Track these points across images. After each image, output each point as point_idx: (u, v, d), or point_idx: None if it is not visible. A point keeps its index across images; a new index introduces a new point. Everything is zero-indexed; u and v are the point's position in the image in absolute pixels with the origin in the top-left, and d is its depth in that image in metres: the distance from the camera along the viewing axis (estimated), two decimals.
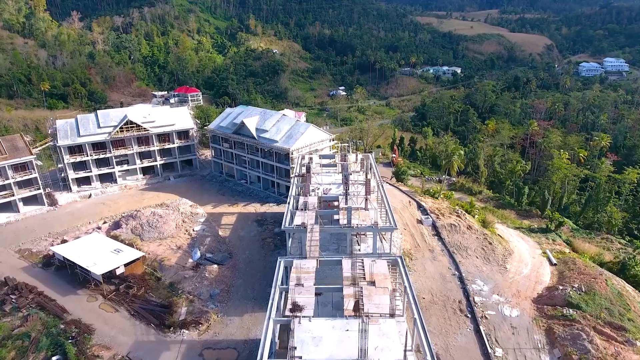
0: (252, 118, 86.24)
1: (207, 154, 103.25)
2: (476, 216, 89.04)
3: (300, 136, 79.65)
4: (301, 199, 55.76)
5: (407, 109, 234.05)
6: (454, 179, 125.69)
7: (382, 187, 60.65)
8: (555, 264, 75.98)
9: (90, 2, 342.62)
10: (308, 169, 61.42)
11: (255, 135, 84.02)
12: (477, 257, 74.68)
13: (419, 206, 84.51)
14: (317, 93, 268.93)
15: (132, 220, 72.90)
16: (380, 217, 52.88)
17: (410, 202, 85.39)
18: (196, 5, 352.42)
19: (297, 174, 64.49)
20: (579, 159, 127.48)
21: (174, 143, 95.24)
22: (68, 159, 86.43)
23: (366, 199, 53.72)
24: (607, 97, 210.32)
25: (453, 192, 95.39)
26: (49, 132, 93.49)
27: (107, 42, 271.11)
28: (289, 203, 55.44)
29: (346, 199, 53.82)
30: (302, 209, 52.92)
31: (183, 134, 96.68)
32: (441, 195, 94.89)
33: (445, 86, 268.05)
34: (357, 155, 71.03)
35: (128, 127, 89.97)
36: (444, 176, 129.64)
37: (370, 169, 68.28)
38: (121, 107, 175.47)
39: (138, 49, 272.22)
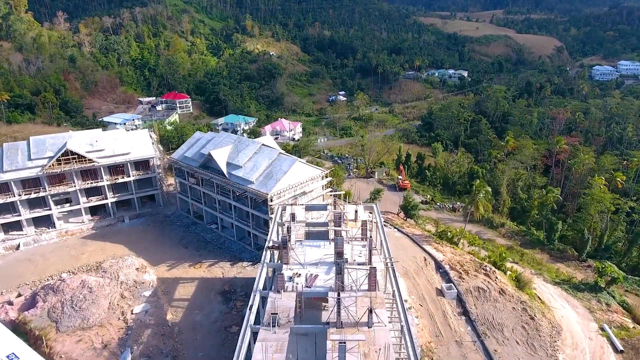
0: (222, 149, 65.77)
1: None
2: (508, 272, 68.62)
3: (283, 176, 59.20)
4: (271, 300, 35.50)
5: (412, 116, 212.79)
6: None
7: (394, 272, 40.22)
8: (622, 351, 55.66)
9: (81, 2, 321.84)
10: (285, 243, 40.91)
11: (225, 171, 63.61)
12: (517, 343, 54.51)
13: (438, 266, 63.91)
14: (315, 98, 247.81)
15: (53, 294, 52.64)
16: (393, 344, 32.42)
17: (425, 259, 64.76)
18: (191, 5, 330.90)
19: (269, 245, 44.08)
20: (616, 183, 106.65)
21: (129, 176, 74.88)
22: None
23: (370, 310, 33.08)
24: (631, 105, 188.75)
25: (476, 237, 74.73)
26: None
27: (94, 44, 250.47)
28: (250, 310, 35.06)
29: (338, 308, 33.25)
30: (268, 325, 32.66)
31: (142, 164, 76.31)
32: (462, 243, 74.49)
33: (453, 91, 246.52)
34: (356, 213, 50.38)
35: (68, 159, 69.64)
36: (458, 203, 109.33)
37: (377, 232, 47.93)
38: (94, 119, 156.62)
39: (127, 52, 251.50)
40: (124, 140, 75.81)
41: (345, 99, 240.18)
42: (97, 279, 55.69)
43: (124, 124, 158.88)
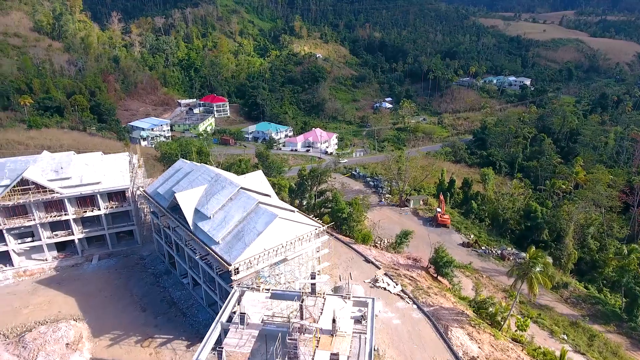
0: (191, 191, 50.40)
1: None
2: None
3: (256, 238, 42.71)
4: None
5: (463, 129, 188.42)
6: (525, 256, 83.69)
7: None
8: None
9: (138, 3, 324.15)
10: None
11: (190, 222, 48.22)
12: None
13: None
14: (359, 104, 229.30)
15: None
16: None
17: None
18: (242, 5, 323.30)
19: None
20: None
21: (99, 209, 61.81)
22: None
23: None
24: None
25: (527, 320, 54.01)
26: None
27: (144, 44, 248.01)
28: None
29: None
30: None
31: (116, 195, 63.03)
32: (508, 323, 54.19)
33: (512, 102, 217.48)
34: (334, 322, 32.48)
35: (26, 189, 57.62)
36: (508, 249, 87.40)
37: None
38: (117, 123, 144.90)
39: (175, 52, 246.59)
40: (95, 166, 62.85)
41: (391, 106, 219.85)
42: (11, 357, 42.43)
43: (152, 129, 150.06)
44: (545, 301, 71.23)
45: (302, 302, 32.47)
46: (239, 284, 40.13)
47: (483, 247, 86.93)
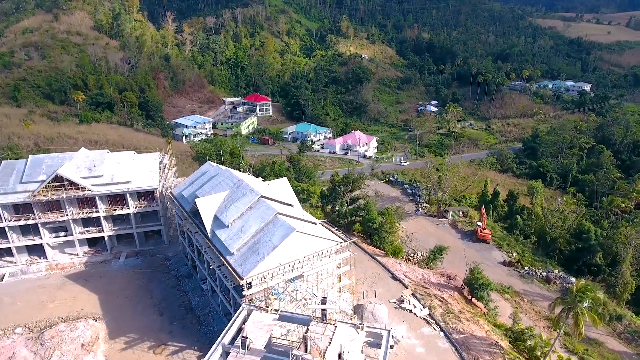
0: (212, 197, 48.81)
1: None
2: None
3: (270, 252, 40.24)
4: None
5: (513, 136, 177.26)
6: (573, 281, 76.21)
7: None
8: None
9: (192, 3, 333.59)
10: None
11: (208, 229, 46.59)
12: None
13: None
14: (403, 107, 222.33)
15: None
16: None
17: None
18: (290, 5, 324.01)
19: None
20: None
21: (129, 207, 62.04)
22: None
23: None
24: None
25: (572, 358, 47.80)
26: None
27: (195, 43, 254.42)
28: None
29: None
30: None
31: (146, 195, 63.04)
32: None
33: (568, 108, 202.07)
34: (340, 357, 29.34)
35: (60, 185, 58.70)
36: (556, 272, 79.82)
37: None
38: (162, 120, 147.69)
39: (223, 51, 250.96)
40: (127, 165, 63.14)
41: (436, 109, 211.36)
42: (29, 354, 42.70)
43: (194, 126, 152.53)
44: (595, 334, 63.89)
45: (306, 332, 29.41)
46: (248, 302, 37.79)
47: (526, 268, 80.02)
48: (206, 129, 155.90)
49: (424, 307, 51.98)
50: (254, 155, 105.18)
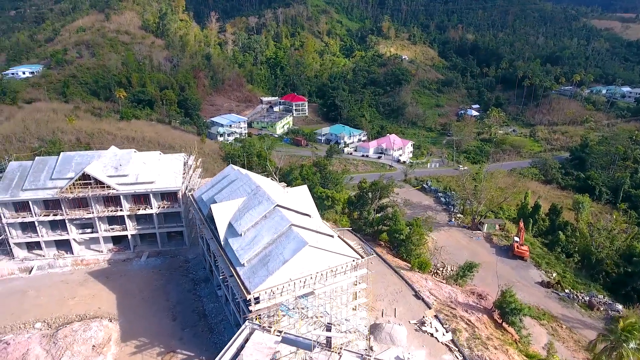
0: (228, 203, 47.17)
1: None
2: None
3: (280, 266, 37.92)
4: None
5: (559, 144, 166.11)
6: (620, 308, 69.87)
7: None
8: None
9: (237, 3, 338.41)
10: None
11: (222, 237, 44.96)
12: None
13: None
14: (443, 111, 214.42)
15: None
16: None
17: None
18: (332, 5, 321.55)
19: None
20: None
21: (152, 208, 61.87)
22: (8, 218, 59.55)
23: None
24: None
25: None
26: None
27: (237, 42, 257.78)
28: None
29: None
30: None
31: (169, 196, 62.66)
32: None
33: (624, 116, 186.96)
34: None
35: (86, 183, 59.31)
36: (600, 297, 72.70)
37: None
38: (198, 118, 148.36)
39: (263, 51, 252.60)
40: (152, 166, 62.99)
41: (477, 114, 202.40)
42: (42, 352, 42.82)
43: (230, 125, 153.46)
44: None
45: None
46: (254, 318, 35.64)
47: (567, 290, 73.43)
48: (241, 128, 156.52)
49: (447, 332, 47.97)
50: (284, 156, 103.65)
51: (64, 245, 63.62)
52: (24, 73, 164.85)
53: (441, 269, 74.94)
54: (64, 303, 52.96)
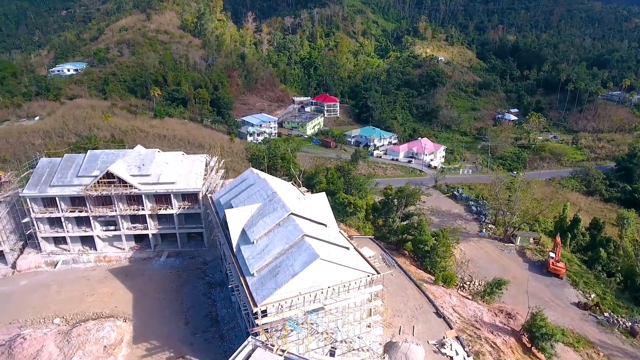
0: (242, 209, 45.78)
1: None
2: None
3: (289, 279, 36.04)
4: None
5: (604, 153, 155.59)
6: None
7: None
8: None
9: (274, 3, 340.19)
10: None
11: (234, 243, 43.60)
12: None
13: None
14: (479, 114, 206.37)
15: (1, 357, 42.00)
16: None
17: None
18: (368, 5, 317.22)
19: None
20: None
21: (172, 208, 61.67)
22: (36, 213, 60.99)
23: None
24: None
25: None
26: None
27: (272, 42, 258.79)
28: None
29: None
30: None
31: (189, 197, 62.28)
32: None
33: None
34: None
35: (110, 182, 59.78)
36: None
37: None
38: (228, 117, 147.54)
39: (297, 51, 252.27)
40: (174, 166, 62.82)
41: (515, 118, 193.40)
42: (55, 350, 43.05)
43: (260, 125, 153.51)
44: None
45: None
46: (259, 332, 33.95)
47: (606, 314, 67.58)
48: (271, 127, 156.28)
49: (468, 355, 44.59)
50: (310, 158, 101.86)
51: (88, 242, 64.55)
52: (68, 70, 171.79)
53: (468, 282, 70.99)
54: (83, 300, 53.44)
